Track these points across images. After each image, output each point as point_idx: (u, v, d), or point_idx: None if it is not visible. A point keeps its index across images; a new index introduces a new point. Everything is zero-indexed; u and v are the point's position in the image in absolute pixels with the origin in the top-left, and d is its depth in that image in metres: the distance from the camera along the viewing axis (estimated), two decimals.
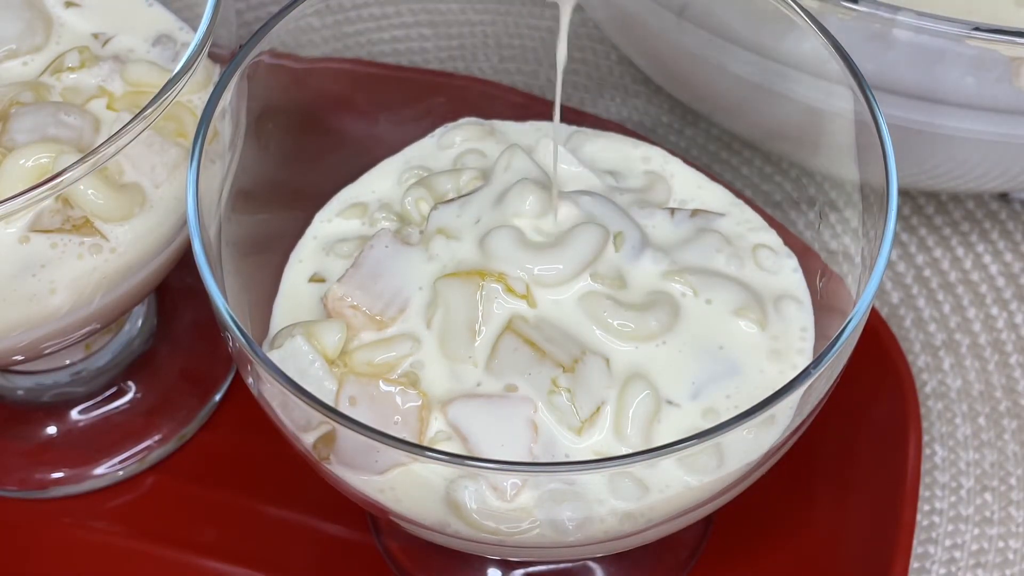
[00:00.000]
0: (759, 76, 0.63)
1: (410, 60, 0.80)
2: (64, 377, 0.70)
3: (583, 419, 0.52)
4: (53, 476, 0.69)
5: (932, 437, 0.71)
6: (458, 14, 0.74)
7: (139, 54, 0.64)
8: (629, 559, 0.66)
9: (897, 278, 0.76)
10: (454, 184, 0.60)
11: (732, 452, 0.50)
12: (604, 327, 0.55)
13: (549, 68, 0.68)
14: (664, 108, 0.64)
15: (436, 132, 0.64)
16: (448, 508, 0.50)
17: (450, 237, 0.56)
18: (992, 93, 0.62)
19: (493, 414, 0.52)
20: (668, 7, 0.65)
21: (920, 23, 0.59)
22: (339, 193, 0.62)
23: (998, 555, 0.68)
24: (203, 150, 0.53)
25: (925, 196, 0.79)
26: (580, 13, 0.76)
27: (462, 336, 0.54)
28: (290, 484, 0.68)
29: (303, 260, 0.60)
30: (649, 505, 0.50)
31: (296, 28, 0.59)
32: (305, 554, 0.66)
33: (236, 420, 0.71)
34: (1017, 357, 0.73)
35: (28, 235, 0.56)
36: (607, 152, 0.63)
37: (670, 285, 0.57)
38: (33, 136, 0.58)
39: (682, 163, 0.62)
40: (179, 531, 0.67)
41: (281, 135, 0.61)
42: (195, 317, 0.74)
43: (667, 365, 0.55)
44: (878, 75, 0.62)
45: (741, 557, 0.66)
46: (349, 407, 0.53)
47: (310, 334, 0.54)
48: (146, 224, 0.58)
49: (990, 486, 0.70)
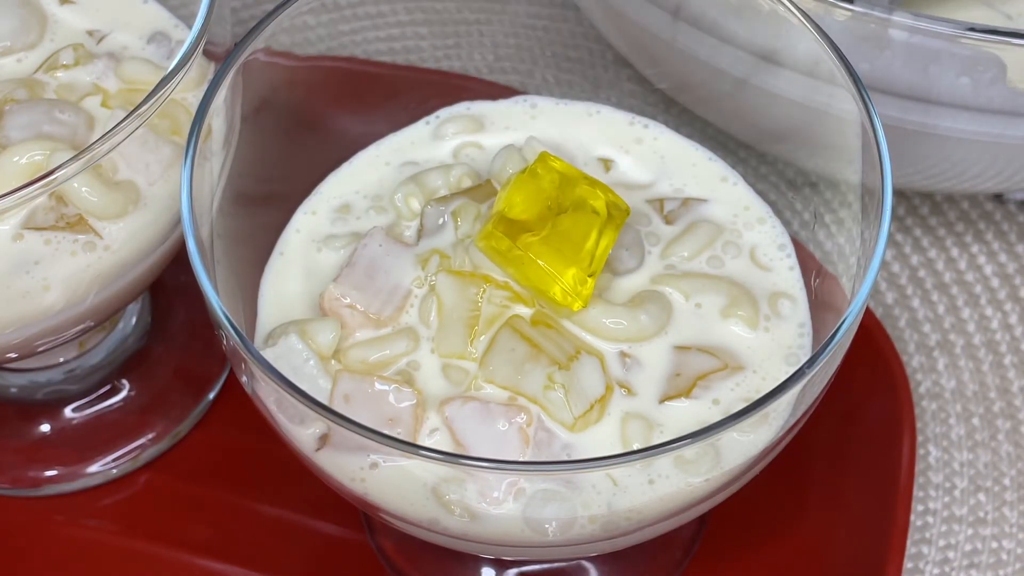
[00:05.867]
0: (755, 76, 0.63)
1: (405, 59, 0.80)
2: (58, 375, 0.70)
3: (576, 416, 0.52)
4: (46, 474, 0.69)
5: (926, 437, 0.71)
6: (453, 12, 0.74)
7: (134, 51, 0.63)
8: (623, 558, 0.66)
9: (892, 278, 0.76)
10: (445, 180, 0.60)
11: (727, 451, 0.50)
12: (598, 326, 0.55)
13: (545, 67, 0.68)
14: (660, 108, 0.64)
15: (419, 122, 0.64)
16: (439, 505, 0.50)
17: (444, 257, 0.56)
18: (987, 94, 0.62)
19: (486, 420, 0.52)
20: (663, 7, 0.65)
21: (915, 23, 0.59)
22: (320, 186, 0.62)
23: (991, 555, 0.68)
24: (198, 148, 0.53)
25: (920, 196, 0.79)
26: (576, 12, 0.76)
27: (459, 333, 0.54)
28: (284, 482, 0.68)
29: (284, 253, 0.60)
30: (643, 504, 0.50)
31: (291, 26, 0.58)
32: (299, 552, 0.66)
33: (230, 418, 0.71)
34: (1011, 358, 0.73)
35: (22, 232, 0.56)
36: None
37: (662, 288, 0.57)
38: (27, 133, 0.58)
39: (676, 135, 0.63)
40: (172, 529, 0.67)
41: (276, 133, 0.61)
42: (189, 315, 0.73)
43: (660, 363, 0.55)
44: (873, 75, 0.62)
45: (735, 556, 0.66)
46: (344, 405, 0.52)
47: (304, 332, 0.54)
48: (140, 222, 0.58)
49: (984, 486, 0.70)
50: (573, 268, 0.54)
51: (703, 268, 0.58)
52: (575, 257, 0.54)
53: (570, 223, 0.54)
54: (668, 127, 0.63)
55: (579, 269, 0.54)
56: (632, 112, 0.64)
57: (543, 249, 0.54)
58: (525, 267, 0.54)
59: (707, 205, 0.60)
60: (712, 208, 0.60)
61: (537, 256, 0.53)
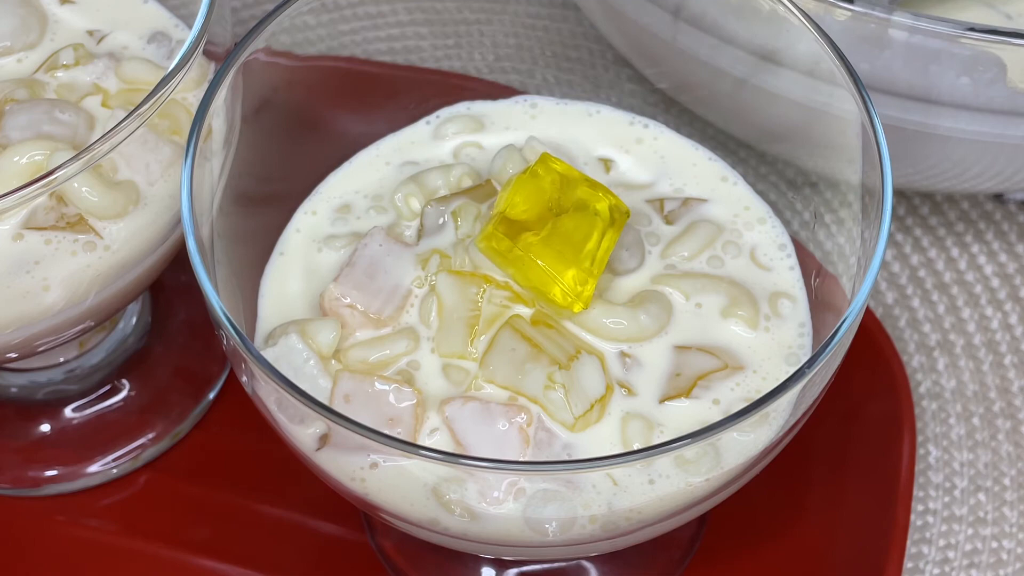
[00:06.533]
0: (755, 76, 0.63)
1: (405, 58, 0.80)
2: (58, 375, 0.70)
3: (577, 416, 0.52)
4: (47, 474, 0.69)
5: (926, 437, 0.71)
6: (454, 12, 0.74)
7: (134, 51, 0.63)
8: (623, 558, 0.66)
9: (892, 278, 0.76)
10: (445, 180, 0.60)
11: (727, 451, 0.50)
12: (599, 326, 0.55)
13: (545, 67, 0.68)
14: (660, 108, 0.64)
15: (419, 122, 0.64)
16: (440, 505, 0.50)
17: (444, 257, 0.56)
18: (987, 94, 0.62)
19: (487, 420, 0.52)
20: (663, 7, 0.65)
21: (915, 23, 0.59)
22: (320, 186, 0.62)
23: (992, 555, 0.68)
24: (198, 148, 0.53)
25: (920, 196, 0.79)
26: (576, 12, 0.76)
27: (459, 333, 0.54)
28: (284, 483, 0.68)
29: (284, 253, 0.60)
30: (643, 504, 0.50)
31: (291, 26, 0.58)
32: (299, 553, 0.66)
33: (230, 418, 0.71)
34: (1011, 358, 0.73)
35: (22, 232, 0.56)
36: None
37: (662, 288, 0.57)
38: (27, 133, 0.58)
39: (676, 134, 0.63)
40: (172, 529, 0.67)
41: (276, 133, 0.61)
42: (189, 315, 0.73)
43: (660, 362, 0.55)
44: (873, 75, 0.62)
45: (735, 556, 0.66)
46: (344, 405, 0.52)
47: (304, 332, 0.54)
48: (140, 222, 0.58)
49: (984, 486, 0.70)
50: (573, 269, 0.54)
51: (703, 268, 0.58)
52: (575, 258, 0.54)
53: (571, 224, 0.54)
54: (668, 127, 0.63)
55: (579, 270, 0.54)
56: (632, 112, 0.64)
57: (543, 250, 0.54)
58: (525, 268, 0.54)
59: (707, 205, 0.60)
60: (712, 208, 0.60)
61: (537, 256, 0.53)
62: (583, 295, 0.54)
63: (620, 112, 0.64)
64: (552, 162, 0.56)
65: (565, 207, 0.55)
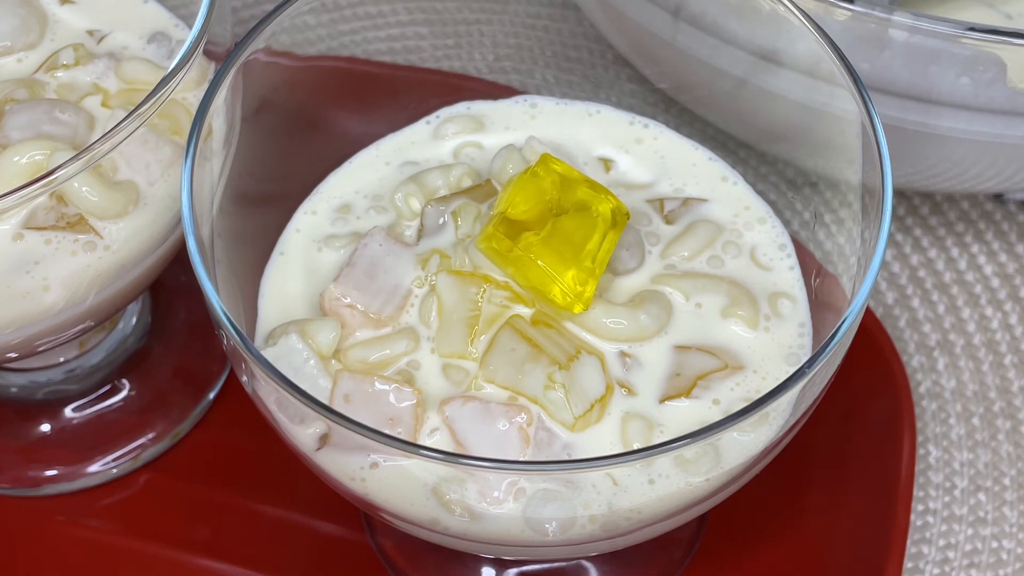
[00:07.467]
0: (755, 76, 0.63)
1: (405, 58, 0.80)
2: (58, 375, 0.70)
3: (577, 415, 0.52)
4: (47, 474, 0.69)
5: (926, 437, 0.71)
6: (454, 12, 0.74)
7: (134, 51, 0.63)
8: (623, 558, 0.66)
9: (892, 278, 0.76)
10: (445, 180, 0.60)
11: (727, 451, 0.50)
12: (599, 325, 0.55)
13: (545, 67, 0.68)
14: (660, 108, 0.64)
15: (419, 122, 0.64)
16: (440, 505, 0.50)
17: (444, 257, 0.56)
18: (987, 94, 0.62)
19: (487, 420, 0.52)
20: (663, 7, 0.65)
21: (915, 23, 0.59)
22: (320, 185, 0.62)
23: (992, 555, 0.68)
24: (198, 148, 0.53)
25: (920, 196, 0.79)
26: (576, 12, 0.76)
27: (459, 333, 0.54)
28: (284, 483, 0.68)
29: (284, 253, 0.60)
30: (643, 504, 0.50)
31: (291, 26, 0.58)
32: (299, 553, 0.66)
33: (230, 418, 0.71)
34: (1011, 358, 0.73)
35: (22, 232, 0.56)
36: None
37: (662, 288, 0.57)
38: (27, 133, 0.58)
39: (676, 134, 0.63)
40: (172, 529, 0.67)
41: (276, 133, 0.61)
42: (189, 315, 0.73)
43: (660, 362, 0.55)
44: (873, 75, 0.62)
45: (735, 556, 0.66)
46: (344, 405, 0.52)
47: (304, 332, 0.54)
48: (140, 222, 0.58)
49: (984, 486, 0.70)
50: (573, 270, 0.54)
51: (703, 268, 0.58)
52: (575, 259, 0.54)
53: (571, 225, 0.54)
54: (668, 127, 0.63)
55: (579, 271, 0.54)
56: (632, 112, 0.64)
57: (543, 250, 0.54)
58: (525, 268, 0.54)
59: (707, 205, 0.60)
60: (712, 208, 0.60)
61: (537, 257, 0.53)
62: (583, 296, 0.54)
63: (620, 112, 0.64)
64: (552, 163, 0.56)
65: (565, 207, 0.55)
